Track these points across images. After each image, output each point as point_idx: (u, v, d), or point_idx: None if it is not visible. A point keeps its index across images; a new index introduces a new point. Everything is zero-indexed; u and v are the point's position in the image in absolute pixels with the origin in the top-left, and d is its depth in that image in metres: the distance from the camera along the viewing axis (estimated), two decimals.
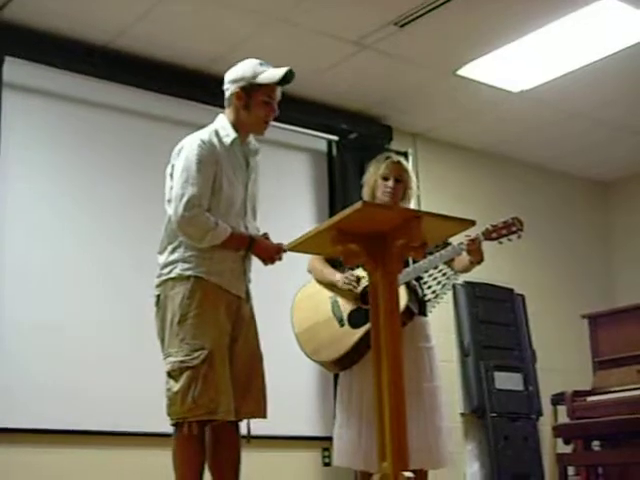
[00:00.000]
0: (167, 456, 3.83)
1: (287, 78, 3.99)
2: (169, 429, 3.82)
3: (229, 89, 4.04)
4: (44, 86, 5.92)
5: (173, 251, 3.90)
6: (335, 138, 7.15)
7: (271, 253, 3.98)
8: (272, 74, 3.99)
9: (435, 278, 4.58)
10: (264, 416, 3.96)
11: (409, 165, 4.70)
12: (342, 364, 4.41)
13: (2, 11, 5.58)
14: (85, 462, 5.54)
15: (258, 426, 3.98)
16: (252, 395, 3.91)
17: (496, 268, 7.42)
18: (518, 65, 6.50)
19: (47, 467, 5.41)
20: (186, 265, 3.85)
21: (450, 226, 3.36)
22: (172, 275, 3.86)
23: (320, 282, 4.56)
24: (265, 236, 4.04)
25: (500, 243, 4.34)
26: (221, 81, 4.07)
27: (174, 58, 6.22)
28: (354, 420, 4.33)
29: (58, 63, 5.88)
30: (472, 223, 3.35)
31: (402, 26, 5.87)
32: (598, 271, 8.70)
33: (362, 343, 4.28)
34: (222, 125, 4.03)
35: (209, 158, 3.87)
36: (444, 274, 4.72)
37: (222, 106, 4.09)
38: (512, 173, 8.33)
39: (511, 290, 7.90)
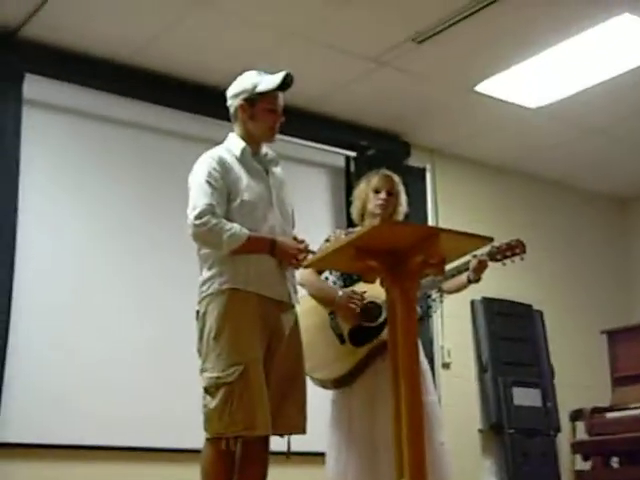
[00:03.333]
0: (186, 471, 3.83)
1: (286, 82, 4.02)
2: (189, 444, 3.84)
3: (232, 104, 4.10)
4: (64, 103, 5.96)
5: (210, 268, 3.90)
6: (353, 154, 7.15)
7: (292, 254, 3.92)
8: (271, 81, 4.02)
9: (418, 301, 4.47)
10: (302, 432, 3.93)
11: (400, 181, 4.65)
12: (343, 383, 4.31)
13: (22, 29, 5.63)
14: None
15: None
16: (288, 410, 3.87)
17: (514, 284, 7.46)
18: (535, 81, 6.51)
19: None
20: (223, 279, 3.86)
21: (468, 243, 3.37)
22: (210, 291, 3.87)
23: (314, 297, 4.41)
24: (294, 238, 4.00)
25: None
26: None
27: (193, 75, 6.26)
28: (356, 438, 4.24)
29: (77, 80, 5.92)
30: (490, 240, 3.36)
31: (420, 42, 5.89)
32: (617, 287, 8.67)
33: (364, 362, 4.26)
34: (232, 141, 4.10)
35: (219, 170, 3.92)
36: (429, 296, 4.69)
37: None
38: (530, 189, 8.32)
39: (529, 306, 7.89)
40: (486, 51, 6.07)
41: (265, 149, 4.15)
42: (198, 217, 3.81)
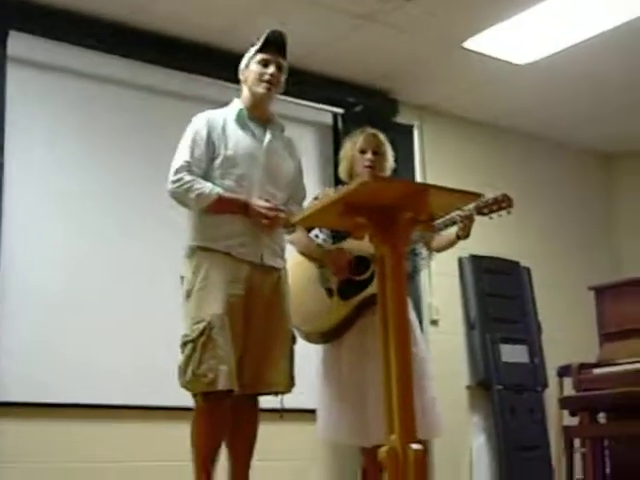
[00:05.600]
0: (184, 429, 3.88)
1: (270, 39, 4.08)
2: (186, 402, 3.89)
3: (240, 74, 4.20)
4: (49, 61, 5.90)
5: (189, 225, 4.01)
6: (341, 111, 7.12)
7: (262, 214, 3.92)
8: (260, 41, 4.10)
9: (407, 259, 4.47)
10: (285, 392, 3.98)
11: (385, 138, 4.64)
12: (330, 336, 4.35)
13: None
14: (102, 436, 5.60)
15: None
16: (269, 370, 3.91)
17: (502, 241, 7.47)
18: (524, 38, 6.47)
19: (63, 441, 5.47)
20: (195, 234, 3.95)
21: (457, 199, 3.34)
22: (186, 249, 3.96)
23: (303, 255, 4.45)
24: (266, 200, 3.98)
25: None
26: (225, 55, 4.13)
27: (180, 32, 6.19)
28: (346, 393, 4.28)
29: (63, 37, 5.86)
30: (478, 196, 3.35)
31: None
32: (604, 243, 8.70)
33: (353, 315, 4.29)
34: (233, 104, 4.17)
35: (202, 127, 3.99)
36: (417, 254, 4.70)
37: (228, 80, 4.18)
38: (517, 145, 8.31)
39: (517, 263, 7.90)
40: (474, 7, 6.02)
41: (270, 114, 4.20)
42: (173, 174, 3.90)
